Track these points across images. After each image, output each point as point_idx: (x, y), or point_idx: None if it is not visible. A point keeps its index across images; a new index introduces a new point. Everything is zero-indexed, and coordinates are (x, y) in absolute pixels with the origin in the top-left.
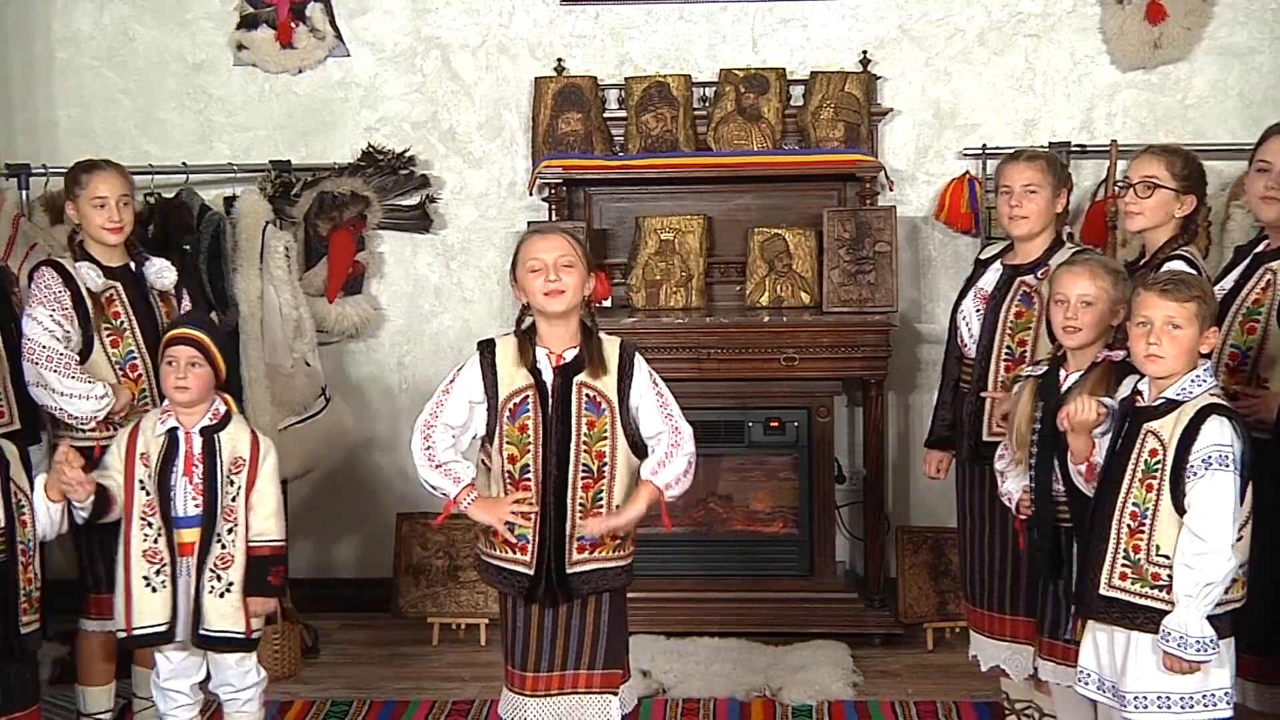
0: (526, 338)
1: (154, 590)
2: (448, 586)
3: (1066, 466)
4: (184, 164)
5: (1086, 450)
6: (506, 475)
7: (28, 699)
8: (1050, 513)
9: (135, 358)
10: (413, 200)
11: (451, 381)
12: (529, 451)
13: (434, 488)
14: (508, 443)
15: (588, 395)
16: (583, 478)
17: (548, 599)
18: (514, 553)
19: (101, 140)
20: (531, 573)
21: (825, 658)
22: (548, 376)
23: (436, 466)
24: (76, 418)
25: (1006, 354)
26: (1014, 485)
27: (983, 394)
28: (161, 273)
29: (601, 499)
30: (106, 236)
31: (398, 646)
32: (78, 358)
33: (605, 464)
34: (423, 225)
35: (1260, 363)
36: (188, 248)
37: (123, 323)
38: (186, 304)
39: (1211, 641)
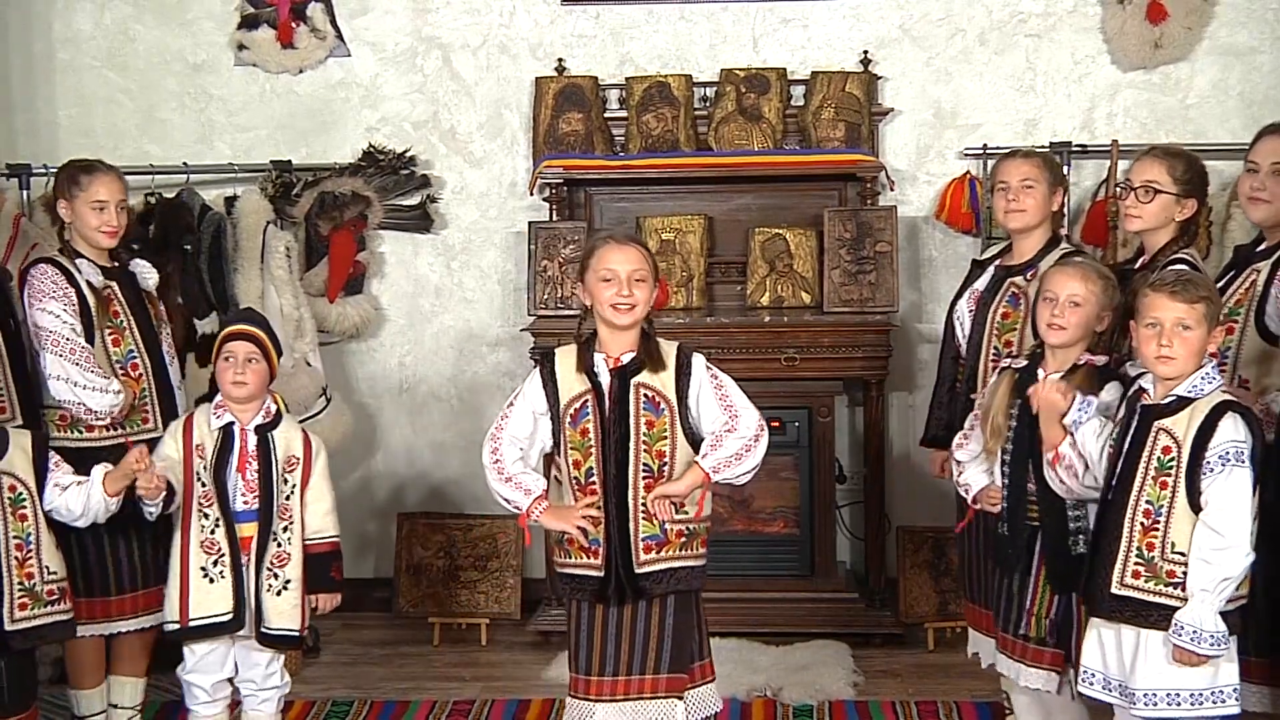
0: (586, 345)
1: (212, 581)
2: (448, 586)
3: (1041, 467)
4: (185, 164)
5: (1057, 439)
6: (574, 482)
7: (25, 700)
8: (1023, 509)
9: (135, 357)
10: (413, 200)
11: (516, 395)
12: (592, 455)
13: (506, 500)
14: (572, 448)
15: (646, 395)
16: (644, 477)
17: (616, 598)
18: (587, 557)
19: (102, 140)
20: (601, 574)
21: (826, 657)
22: (604, 380)
23: (506, 480)
24: (94, 412)
25: (994, 354)
26: (972, 476)
27: (973, 395)
28: (144, 274)
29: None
30: (102, 240)
31: (398, 646)
32: (93, 351)
33: (666, 463)
34: (423, 225)
35: (1239, 363)
36: (188, 248)
37: (122, 321)
38: (162, 307)
39: (1224, 636)
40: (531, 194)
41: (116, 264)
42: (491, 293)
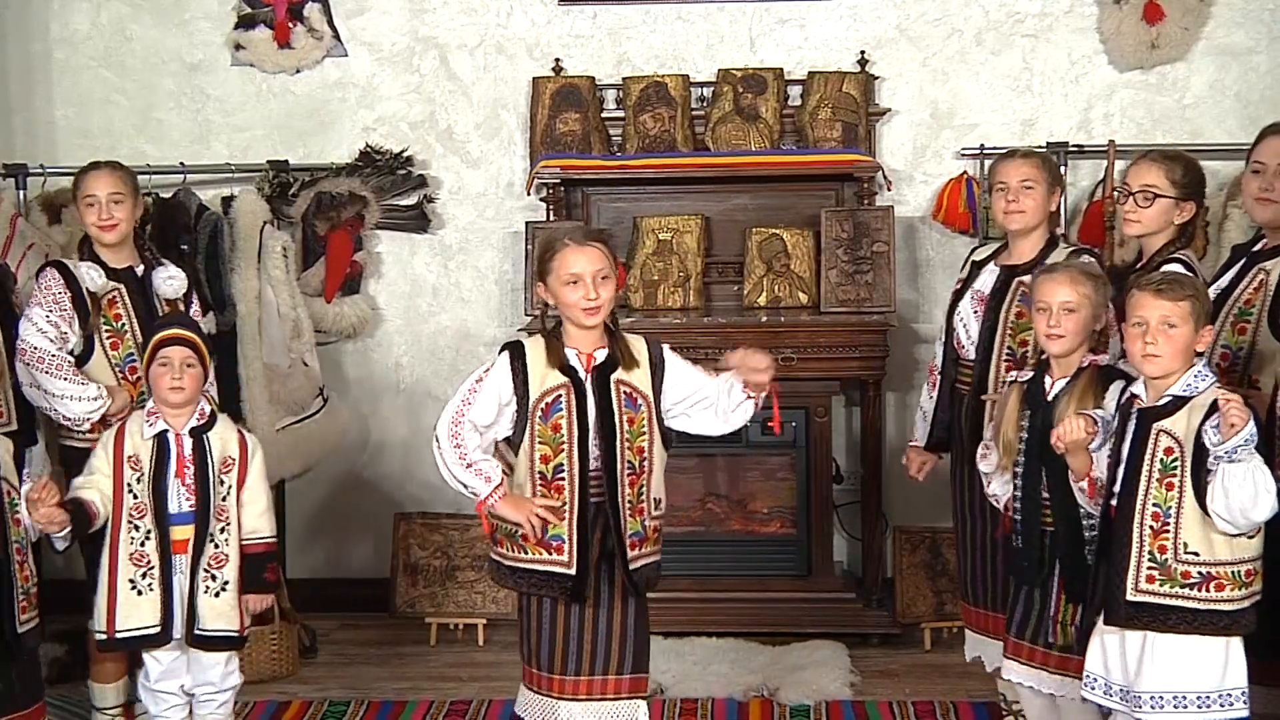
0: (555, 338)
1: (140, 593)
2: (445, 586)
3: (1054, 475)
4: (181, 164)
5: (1085, 468)
6: (539, 477)
7: (31, 697)
8: (1037, 520)
9: (135, 360)
10: (410, 200)
11: (478, 381)
12: (563, 450)
13: (465, 486)
14: (540, 443)
15: (625, 392)
16: (628, 474)
17: (590, 595)
18: (549, 553)
19: (99, 140)
20: (573, 571)
21: (823, 658)
22: (583, 375)
23: (468, 465)
24: (69, 419)
25: (1008, 355)
26: (999, 486)
27: (983, 396)
28: (170, 280)
29: (644, 494)
30: (101, 235)
31: (395, 646)
32: (71, 359)
33: (645, 459)
34: (420, 225)
35: (1251, 364)
36: (185, 248)
37: (123, 325)
38: (196, 309)
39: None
40: (529, 194)
41: (131, 266)
42: (488, 293)
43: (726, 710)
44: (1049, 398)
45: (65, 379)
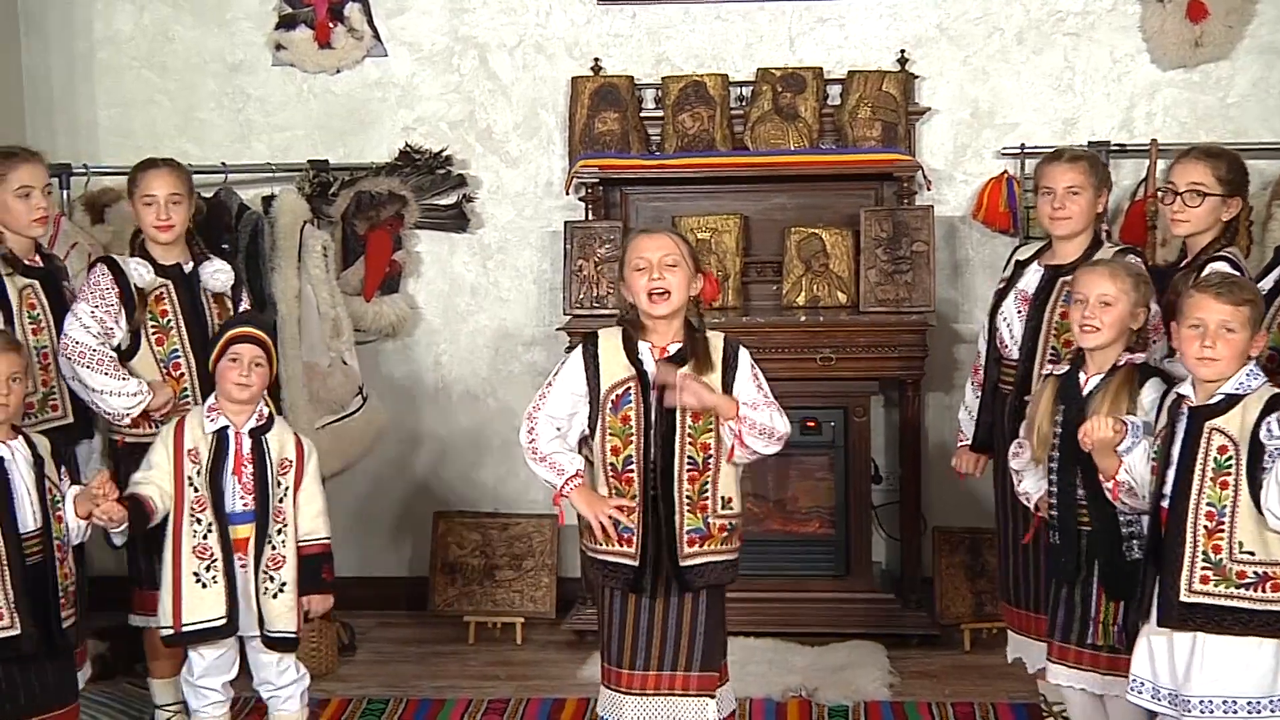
0: (630, 330)
1: (204, 586)
2: (484, 585)
3: (1089, 471)
4: (223, 164)
5: (1113, 468)
6: (609, 468)
7: (66, 696)
8: (1073, 517)
9: (179, 356)
10: (450, 200)
11: (555, 375)
12: (632, 443)
13: (543, 479)
14: (610, 434)
15: None
16: (688, 469)
17: (653, 590)
18: (621, 545)
19: (141, 140)
20: (636, 564)
21: (862, 658)
22: (650, 368)
23: (541, 459)
24: (110, 414)
25: (1052, 355)
26: (1031, 484)
27: (1027, 397)
28: (217, 274)
29: (707, 492)
30: (156, 234)
31: (434, 645)
32: (113, 355)
33: (710, 456)
34: (460, 224)
35: None
36: (226, 247)
37: (169, 321)
38: (245, 305)
39: None
40: (567, 193)
41: (179, 263)
42: (527, 292)
43: (765, 710)
44: (1084, 393)
45: (105, 374)
